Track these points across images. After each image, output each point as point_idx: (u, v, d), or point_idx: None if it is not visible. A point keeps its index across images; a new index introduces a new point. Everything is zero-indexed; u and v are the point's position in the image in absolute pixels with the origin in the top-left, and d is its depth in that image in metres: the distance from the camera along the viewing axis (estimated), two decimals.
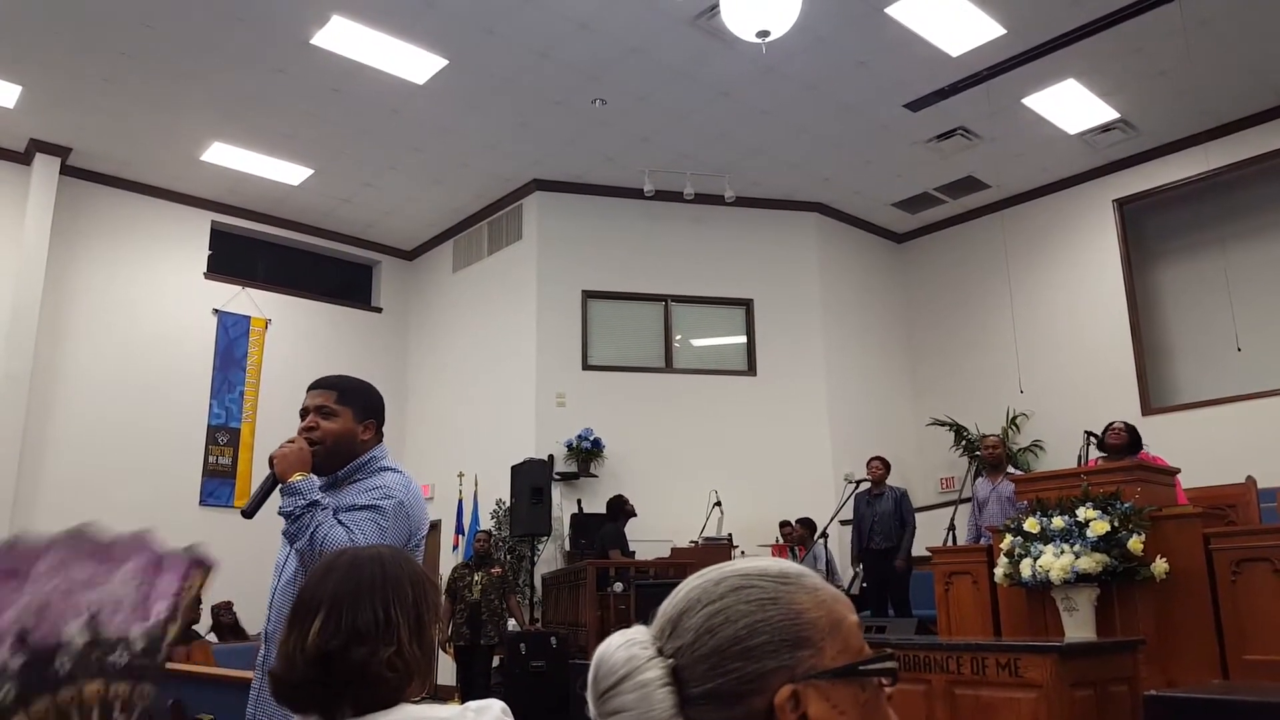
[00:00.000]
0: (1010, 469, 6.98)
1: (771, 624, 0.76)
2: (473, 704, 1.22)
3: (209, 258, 9.97)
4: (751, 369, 9.70)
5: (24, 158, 8.81)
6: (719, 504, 8.39)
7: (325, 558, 1.34)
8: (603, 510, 8.40)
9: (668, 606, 0.82)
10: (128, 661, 0.82)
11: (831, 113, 8.32)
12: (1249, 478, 6.10)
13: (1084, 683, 3.53)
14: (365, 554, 1.33)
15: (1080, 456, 5.89)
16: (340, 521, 2.13)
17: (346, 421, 2.27)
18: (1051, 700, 3.40)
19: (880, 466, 7.59)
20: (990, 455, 6.73)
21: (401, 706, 1.23)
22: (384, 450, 2.35)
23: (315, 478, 2.16)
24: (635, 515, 8.07)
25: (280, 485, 2.13)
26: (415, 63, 7.45)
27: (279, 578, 2.27)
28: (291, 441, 2.20)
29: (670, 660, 0.77)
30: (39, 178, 8.74)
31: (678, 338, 9.76)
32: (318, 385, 2.34)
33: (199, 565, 0.97)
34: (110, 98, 8.01)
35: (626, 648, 0.78)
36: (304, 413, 2.32)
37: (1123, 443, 5.46)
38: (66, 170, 8.97)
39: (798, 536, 8.12)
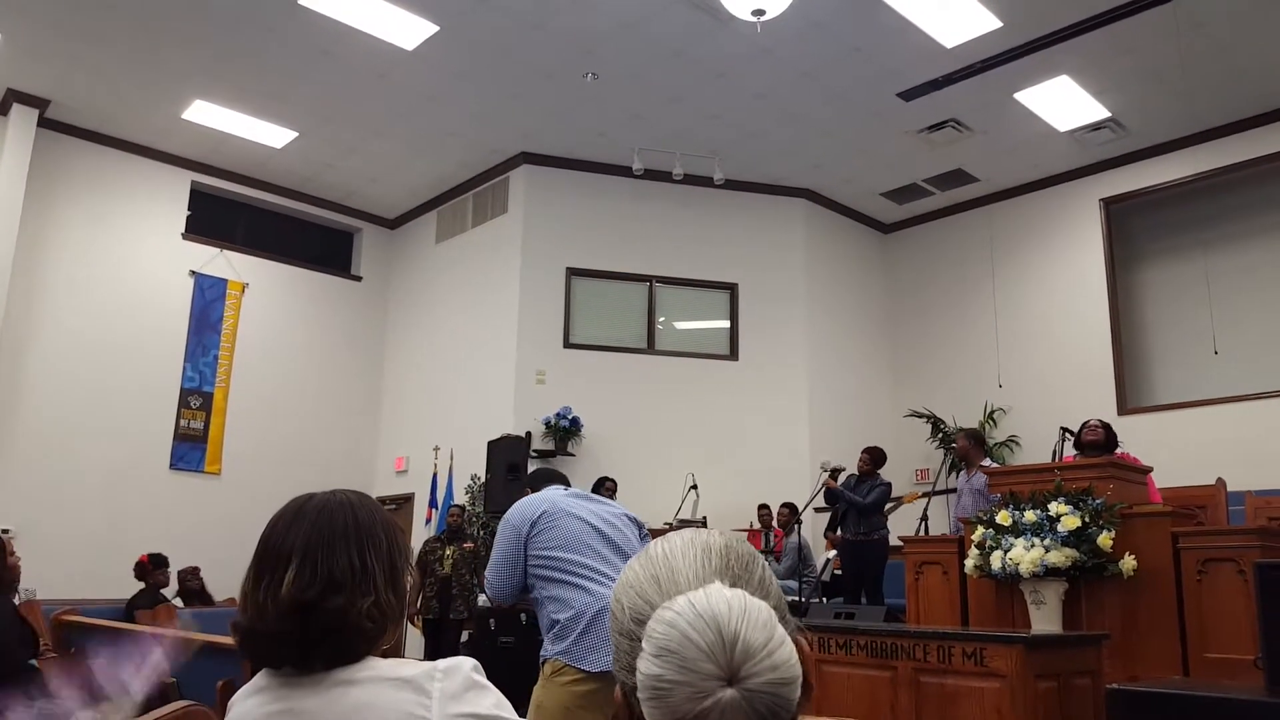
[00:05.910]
0: (985, 461, 7.01)
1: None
2: (442, 662, 1.19)
3: (188, 218, 9.80)
4: (734, 354, 9.69)
5: (0, 108, 8.62)
6: (695, 487, 8.39)
7: (293, 503, 1.28)
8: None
9: (723, 557, 0.76)
10: None
11: (824, 99, 8.28)
12: (1219, 480, 6.18)
13: (1048, 674, 3.57)
14: (335, 499, 1.26)
15: (1055, 452, 5.94)
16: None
17: None
18: (1015, 690, 3.43)
19: (867, 460, 7.52)
20: (962, 448, 6.79)
21: (369, 661, 1.20)
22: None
23: None
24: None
25: None
26: (405, 28, 7.33)
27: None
28: None
29: None
30: (16, 129, 8.54)
31: (661, 319, 9.73)
32: None
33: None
34: (92, 50, 7.84)
35: (740, 596, 0.70)
36: None
37: (1099, 440, 5.48)
38: (44, 123, 8.78)
39: (784, 519, 8.21)
